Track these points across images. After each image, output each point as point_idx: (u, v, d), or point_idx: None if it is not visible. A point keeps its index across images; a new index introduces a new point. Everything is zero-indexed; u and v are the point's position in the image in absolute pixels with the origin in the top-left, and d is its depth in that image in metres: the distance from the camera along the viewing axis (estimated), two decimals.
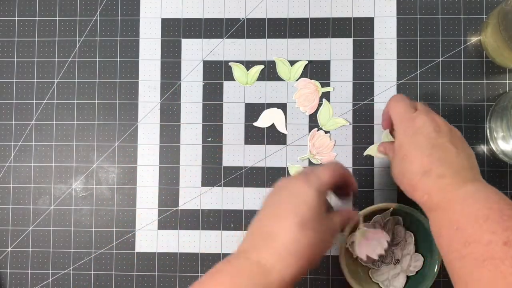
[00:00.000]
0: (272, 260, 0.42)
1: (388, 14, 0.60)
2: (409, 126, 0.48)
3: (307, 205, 0.43)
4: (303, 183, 0.45)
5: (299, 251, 0.42)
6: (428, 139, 0.46)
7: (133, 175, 0.60)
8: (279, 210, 0.44)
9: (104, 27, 0.61)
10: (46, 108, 0.61)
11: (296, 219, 0.42)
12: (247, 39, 0.60)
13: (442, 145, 0.46)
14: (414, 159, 0.46)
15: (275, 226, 0.43)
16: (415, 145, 0.47)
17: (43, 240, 0.60)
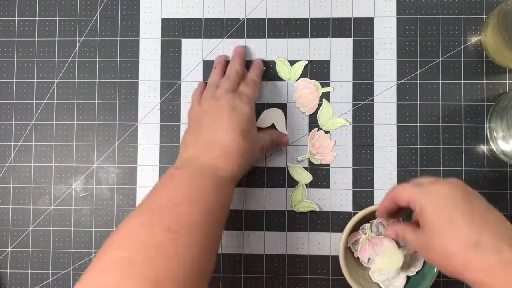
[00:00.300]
0: (220, 161, 0.49)
1: (388, 14, 0.60)
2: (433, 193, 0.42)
3: (246, 119, 0.51)
4: (240, 102, 0.52)
5: (241, 153, 0.50)
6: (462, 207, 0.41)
7: (133, 175, 0.60)
8: (220, 123, 0.50)
9: (104, 27, 0.61)
10: (46, 108, 0.61)
11: (238, 130, 0.50)
12: (247, 39, 0.60)
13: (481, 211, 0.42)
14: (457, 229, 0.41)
15: (219, 136, 0.50)
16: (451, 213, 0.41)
17: (43, 240, 0.60)
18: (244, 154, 0.50)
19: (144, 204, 0.46)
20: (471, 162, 0.58)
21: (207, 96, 0.54)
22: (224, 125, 0.50)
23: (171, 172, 0.49)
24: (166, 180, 0.48)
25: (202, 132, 0.51)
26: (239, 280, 0.58)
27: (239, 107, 0.52)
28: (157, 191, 0.47)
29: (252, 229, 0.58)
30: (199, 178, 0.47)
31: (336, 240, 0.58)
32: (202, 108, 0.53)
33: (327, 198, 0.58)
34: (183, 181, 0.47)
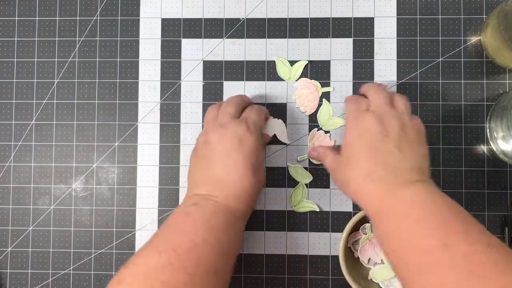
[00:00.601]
0: (233, 201, 0.48)
1: (388, 14, 0.60)
2: (357, 126, 0.48)
3: (255, 153, 0.50)
4: (248, 133, 0.50)
5: (254, 192, 0.50)
6: (373, 142, 0.47)
7: (133, 175, 0.60)
8: (232, 159, 0.49)
9: (104, 27, 0.61)
10: (46, 108, 0.61)
11: (249, 168, 0.49)
12: (247, 39, 0.60)
13: (387, 148, 0.46)
14: (357, 162, 0.47)
15: (231, 175, 0.49)
16: (360, 147, 0.47)
17: (43, 240, 0.60)
18: (254, 192, 0.50)
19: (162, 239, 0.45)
20: (471, 162, 0.58)
21: (211, 119, 0.53)
22: (234, 161, 0.49)
23: (186, 209, 0.47)
24: (182, 217, 0.47)
25: (213, 169, 0.49)
26: (239, 280, 0.58)
27: (246, 139, 0.50)
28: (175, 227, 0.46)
29: (252, 229, 0.58)
30: (215, 217, 0.46)
31: (336, 240, 0.58)
32: (208, 138, 0.51)
33: (327, 198, 0.58)
34: (199, 219, 0.46)
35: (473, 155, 0.58)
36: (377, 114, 0.48)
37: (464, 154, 0.58)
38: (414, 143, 0.47)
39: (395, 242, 0.42)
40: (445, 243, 0.39)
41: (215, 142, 0.50)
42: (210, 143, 0.50)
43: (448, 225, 0.40)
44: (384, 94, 0.50)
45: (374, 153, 0.46)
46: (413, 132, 0.48)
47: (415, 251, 0.40)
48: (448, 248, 0.38)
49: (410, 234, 0.41)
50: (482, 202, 0.57)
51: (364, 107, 0.50)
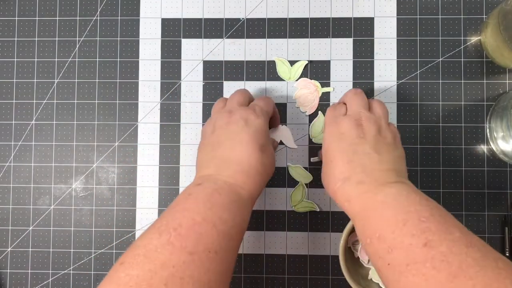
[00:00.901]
0: (242, 179, 0.48)
1: (388, 14, 0.60)
2: (334, 131, 0.49)
3: (262, 133, 0.50)
4: (254, 115, 0.50)
5: (263, 170, 0.49)
6: (350, 145, 0.47)
7: (133, 175, 0.60)
8: (238, 139, 0.49)
9: (104, 27, 0.61)
10: (46, 108, 0.61)
11: (256, 145, 0.49)
12: (247, 39, 0.60)
13: (364, 151, 0.47)
14: (336, 165, 0.47)
15: (238, 152, 0.48)
16: (338, 150, 0.48)
17: (43, 240, 0.60)
18: (263, 168, 0.49)
19: (164, 220, 0.44)
20: (471, 162, 0.58)
21: (218, 109, 0.53)
22: (241, 140, 0.49)
23: (189, 190, 0.47)
24: (184, 197, 0.46)
25: (219, 149, 0.49)
26: (239, 280, 0.58)
27: (252, 120, 0.50)
28: (176, 208, 0.45)
29: (252, 229, 0.58)
30: (217, 196, 0.45)
31: (336, 240, 0.58)
32: (215, 123, 0.51)
33: (327, 198, 0.58)
34: (201, 198, 0.45)
35: (473, 155, 0.58)
36: (354, 118, 0.49)
37: (464, 154, 0.58)
38: (390, 146, 0.48)
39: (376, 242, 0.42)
40: (425, 242, 0.38)
41: (221, 127, 0.50)
42: (217, 129, 0.51)
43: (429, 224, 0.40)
44: (361, 99, 0.51)
45: (352, 156, 0.47)
46: (389, 135, 0.49)
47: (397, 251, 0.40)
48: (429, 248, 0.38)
49: (391, 234, 0.41)
50: (482, 202, 0.57)
51: (343, 112, 0.51)
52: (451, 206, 0.57)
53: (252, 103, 0.53)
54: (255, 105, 0.52)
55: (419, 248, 0.39)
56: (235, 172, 0.48)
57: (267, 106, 0.53)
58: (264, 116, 0.51)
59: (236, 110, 0.51)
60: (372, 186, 0.45)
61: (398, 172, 0.47)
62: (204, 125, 0.54)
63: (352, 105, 0.51)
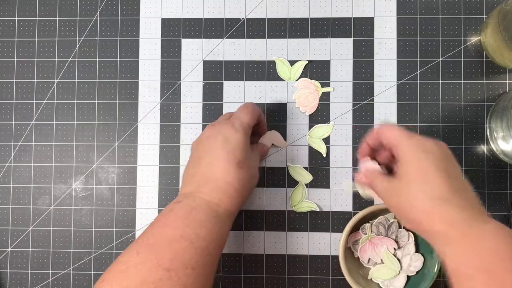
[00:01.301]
0: (218, 197, 0.48)
1: (388, 14, 0.60)
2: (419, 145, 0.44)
3: (240, 148, 0.49)
4: (232, 130, 0.50)
5: (240, 186, 0.49)
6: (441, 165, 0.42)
7: (133, 175, 0.60)
8: (216, 156, 0.49)
9: (104, 27, 0.61)
10: (46, 108, 0.61)
11: (233, 162, 0.49)
12: (247, 39, 0.60)
13: (457, 175, 0.43)
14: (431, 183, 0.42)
15: (216, 170, 0.49)
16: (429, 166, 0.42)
17: (43, 240, 0.60)
18: (240, 185, 0.49)
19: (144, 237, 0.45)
20: (471, 162, 0.58)
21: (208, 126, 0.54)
22: (219, 157, 0.49)
23: (170, 206, 0.48)
24: (164, 215, 0.47)
25: (200, 165, 0.50)
26: (239, 280, 0.58)
27: (230, 136, 0.50)
28: (155, 226, 0.46)
29: (252, 229, 0.58)
30: (194, 212, 0.46)
31: (336, 240, 0.58)
32: (201, 137, 0.52)
33: (327, 198, 0.58)
34: (179, 215, 0.46)
35: (473, 155, 0.58)
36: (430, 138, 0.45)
37: (464, 154, 0.58)
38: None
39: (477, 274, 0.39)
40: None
41: (203, 141, 0.51)
42: (200, 142, 0.52)
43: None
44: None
45: (448, 179, 0.42)
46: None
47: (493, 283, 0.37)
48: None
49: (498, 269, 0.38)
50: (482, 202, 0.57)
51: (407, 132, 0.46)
52: None
53: (233, 116, 0.53)
54: (235, 118, 0.52)
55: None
56: (212, 190, 0.48)
57: (248, 117, 0.52)
58: (243, 130, 0.51)
59: (218, 124, 0.52)
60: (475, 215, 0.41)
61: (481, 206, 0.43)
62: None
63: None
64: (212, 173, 0.49)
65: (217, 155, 0.49)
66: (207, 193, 0.48)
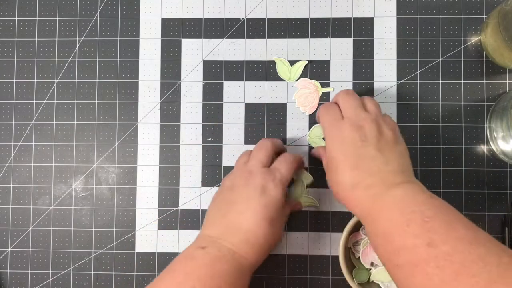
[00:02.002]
0: (245, 249, 0.47)
1: (388, 14, 0.60)
2: (336, 136, 0.49)
3: (275, 205, 0.49)
4: (272, 184, 0.49)
5: (267, 243, 0.49)
6: (354, 149, 0.47)
7: (133, 175, 0.60)
8: (251, 207, 0.48)
9: (104, 27, 0.61)
10: (46, 108, 0.61)
11: (266, 218, 0.48)
12: (247, 39, 0.60)
13: (368, 153, 0.47)
14: (343, 172, 0.47)
15: (248, 222, 0.48)
16: (343, 156, 0.48)
17: (43, 240, 0.60)
18: (268, 243, 0.49)
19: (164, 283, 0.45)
20: (471, 162, 0.58)
21: (240, 164, 0.53)
22: (252, 209, 0.48)
23: (192, 251, 0.47)
24: (188, 260, 0.47)
25: (231, 210, 0.49)
26: None
27: (269, 190, 0.49)
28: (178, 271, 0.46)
29: None
30: (220, 265, 0.46)
31: (336, 240, 0.58)
32: (234, 179, 0.51)
33: (327, 198, 0.58)
34: (205, 265, 0.46)
35: (473, 155, 0.58)
36: (353, 121, 0.49)
37: (464, 154, 0.58)
38: (391, 142, 0.48)
39: (385, 243, 0.43)
40: (429, 242, 0.39)
41: (239, 187, 0.50)
42: (235, 187, 0.50)
43: (432, 224, 0.40)
44: (355, 99, 0.51)
45: (357, 161, 0.47)
46: (389, 132, 0.49)
47: (404, 252, 0.40)
48: (432, 247, 0.39)
49: (399, 236, 0.41)
50: (482, 202, 0.57)
51: (339, 115, 0.50)
52: None
53: (275, 166, 0.52)
54: (276, 170, 0.51)
55: (422, 248, 0.39)
56: (240, 241, 0.48)
57: (289, 172, 0.52)
58: (282, 185, 0.50)
59: (257, 173, 0.50)
60: (380, 188, 0.45)
61: (404, 170, 0.47)
62: (225, 177, 0.53)
63: (346, 106, 0.50)
64: (243, 224, 0.48)
65: (252, 207, 0.48)
66: (235, 244, 0.47)
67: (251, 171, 0.51)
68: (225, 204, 0.50)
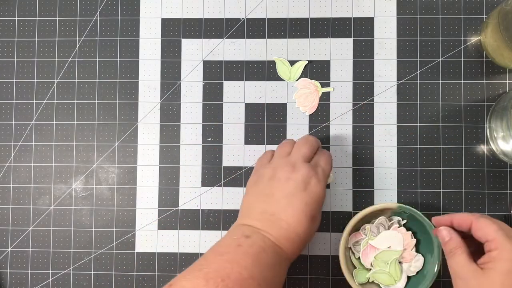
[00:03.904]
0: (286, 244, 0.48)
1: (388, 14, 0.60)
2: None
3: (318, 202, 0.49)
4: (315, 180, 0.49)
5: (307, 237, 0.49)
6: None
7: (133, 175, 0.60)
8: (293, 203, 0.48)
9: (104, 27, 0.61)
10: (46, 108, 0.61)
11: (308, 216, 0.48)
12: (247, 39, 0.60)
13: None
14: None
15: (290, 218, 0.48)
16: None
17: (43, 240, 0.60)
18: (308, 238, 0.49)
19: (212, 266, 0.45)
20: (471, 162, 0.58)
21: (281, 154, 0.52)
22: (295, 205, 0.48)
23: (238, 240, 0.47)
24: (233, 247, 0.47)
25: (271, 203, 0.49)
26: None
27: (312, 186, 0.49)
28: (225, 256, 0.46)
29: None
30: (264, 254, 0.46)
31: (336, 240, 0.58)
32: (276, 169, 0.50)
33: (327, 198, 0.58)
34: (251, 254, 0.46)
35: (473, 155, 0.58)
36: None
37: (464, 154, 0.58)
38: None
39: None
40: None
41: (281, 180, 0.49)
42: (276, 179, 0.50)
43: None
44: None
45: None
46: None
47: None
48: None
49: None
50: (482, 202, 0.57)
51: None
52: (451, 206, 0.57)
53: (316, 161, 0.52)
54: (318, 165, 0.51)
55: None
56: (281, 236, 0.48)
57: (329, 167, 0.52)
58: (325, 181, 0.50)
59: (300, 167, 0.50)
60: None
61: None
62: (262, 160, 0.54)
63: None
64: (285, 219, 0.48)
65: (295, 203, 0.48)
66: (276, 237, 0.48)
67: (294, 164, 0.50)
68: (266, 197, 0.49)
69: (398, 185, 0.58)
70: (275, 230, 0.48)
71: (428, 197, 0.58)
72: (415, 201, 0.57)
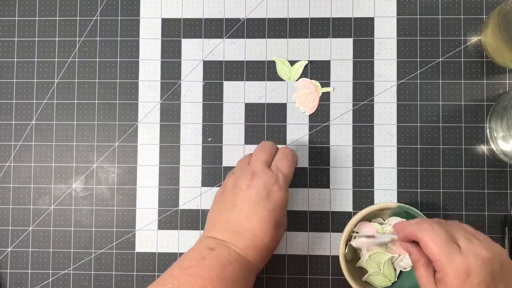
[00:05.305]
0: (253, 255, 0.48)
1: (388, 14, 0.60)
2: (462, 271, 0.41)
3: (281, 208, 0.49)
4: (277, 187, 0.49)
5: (274, 246, 0.49)
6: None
7: (133, 175, 0.60)
8: (256, 212, 0.48)
9: (104, 27, 0.61)
10: (46, 108, 0.61)
11: (273, 223, 0.48)
12: (247, 39, 0.60)
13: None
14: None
15: (254, 227, 0.48)
16: None
17: (43, 240, 0.60)
18: (274, 245, 0.49)
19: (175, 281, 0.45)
20: (471, 162, 0.58)
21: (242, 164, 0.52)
22: (259, 215, 0.48)
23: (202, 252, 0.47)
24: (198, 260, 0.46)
25: (235, 213, 0.48)
26: None
27: (274, 192, 0.48)
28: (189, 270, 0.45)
29: None
30: (230, 268, 0.46)
31: (336, 240, 0.58)
32: (237, 179, 0.50)
33: (327, 198, 0.58)
34: (215, 267, 0.45)
35: (473, 155, 0.58)
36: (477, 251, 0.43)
37: (464, 154, 0.58)
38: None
39: None
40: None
41: (243, 189, 0.49)
42: (238, 188, 0.49)
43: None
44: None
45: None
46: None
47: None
48: None
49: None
50: (482, 202, 0.57)
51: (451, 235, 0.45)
52: (451, 206, 0.57)
53: (276, 165, 0.51)
54: (278, 170, 0.50)
55: None
56: (248, 247, 0.47)
57: (291, 170, 0.51)
58: (286, 186, 0.50)
59: (260, 174, 0.49)
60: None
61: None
62: (227, 175, 0.52)
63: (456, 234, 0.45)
64: (250, 229, 0.48)
65: (257, 211, 0.48)
66: (243, 249, 0.47)
67: (254, 171, 0.50)
68: (229, 205, 0.49)
69: (398, 185, 0.58)
70: (240, 240, 0.47)
71: (428, 197, 0.58)
72: (415, 201, 0.58)
